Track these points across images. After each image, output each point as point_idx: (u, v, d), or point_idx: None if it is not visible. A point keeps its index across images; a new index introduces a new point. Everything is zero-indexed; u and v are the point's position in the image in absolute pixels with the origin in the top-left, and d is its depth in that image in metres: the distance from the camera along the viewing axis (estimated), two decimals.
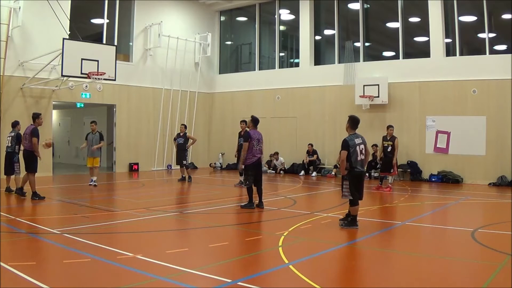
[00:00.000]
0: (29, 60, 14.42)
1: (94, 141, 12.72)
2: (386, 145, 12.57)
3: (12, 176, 10.76)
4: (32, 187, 10.01)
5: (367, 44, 17.32)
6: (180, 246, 6.48)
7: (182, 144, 14.45)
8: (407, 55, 16.27)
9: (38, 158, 10.19)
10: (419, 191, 12.94)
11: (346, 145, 7.40)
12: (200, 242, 6.85)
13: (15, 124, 11.01)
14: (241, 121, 12.92)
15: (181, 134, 14.67)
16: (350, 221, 7.48)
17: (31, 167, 10.09)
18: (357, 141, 7.51)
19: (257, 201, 9.38)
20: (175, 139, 14.95)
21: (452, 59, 15.24)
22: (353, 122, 7.69)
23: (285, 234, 6.90)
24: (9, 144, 10.82)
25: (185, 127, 15.06)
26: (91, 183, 12.74)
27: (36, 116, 10.37)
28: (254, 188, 9.34)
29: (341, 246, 6.41)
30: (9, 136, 10.93)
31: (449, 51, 15.42)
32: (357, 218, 7.54)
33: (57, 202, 10.26)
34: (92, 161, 12.77)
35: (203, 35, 20.00)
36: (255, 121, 9.61)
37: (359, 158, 7.46)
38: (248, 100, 19.63)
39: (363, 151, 7.52)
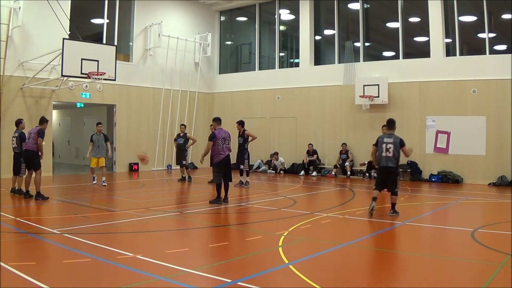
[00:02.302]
0: (29, 60, 14.41)
1: (99, 142, 12.90)
2: None
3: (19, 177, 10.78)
4: (37, 186, 10.03)
5: (367, 44, 17.32)
6: (180, 246, 6.48)
7: (182, 144, 14.45)
8: (407, 55, 16.27)
9: (41, 157, 10.19)
10: (419, 191, 12.94)
11: (376, 141, 8.71)
12: (200, 242, 6.85)
13: (18, 123, 10.99)
14: (237, 122, 13.23)
15: (181, 134, 14.68)
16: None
17: (36, 165, 10.11)
18: (386, 139, 8.54)
19: (223, 196, 9.87)
20: (175, 140, 14.97)
21: (452, 59, 15.24)
22: (387, 123, 8.88)
23: (285, 234, 6.90)
24: (15, 145, 10.76)
25: (185, 127, 15.09)
26: (95, 182, 13.08)
27: (45, 121, 10.48)
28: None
29: (341, 246, 6.40)
30: (14, 137, 10.86)
31: (449, 51, 15.41)
32: (395, 206, 8.64)
33: (57, 202, 10.25)
34: (97, 161, 12.93)
35: (203, 35, 20.00)
36: (217, 120, 10.26)
37: (383, 154, 8.47)
38: (248, 100, 19.63)
39: (390, 149, 8.42)
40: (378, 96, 15.89)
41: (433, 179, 14.95)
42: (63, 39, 13.16)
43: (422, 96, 15.50)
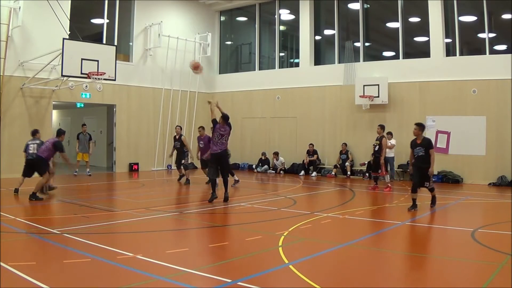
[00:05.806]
0: (29, 60, 14.40)
1: (84, 140, 15.57)
2: (374, 144, 12.69)
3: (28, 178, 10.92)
4: (37, 188, 10.11)
5: (367, 44, 17.31)
6: (180, 246, 6.48)
7: (180, 148, 13.97)
8: (407, 55, 16.26)
9: (52, 166, 10.52)
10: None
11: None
12: (200, 242, 6.86)
13: (35, 132, 11.14)
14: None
15: (177, 137, 14.22)
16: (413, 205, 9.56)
17: (43, 171, 10.31)
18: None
19: (223, 194, 10.07)
20: (174, 146, 14.32)
21: (452, 59, 15.23)
22: (420, 126, 9.73)
23: (285, 234, 6.90)
24: (33, 151, 10.62)
25: (180, 128, 14.59)
26: (76, 174, 15.34)
27: (62, 133, 10.98)
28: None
29: (341, 246, 6.40)
30: (35, 143, 10.75)
31: (449, 51, 15.41)
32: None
33: (57, 202, 10.26)
34: (82, 155, 15.66)
35: (203, 35, 19.99)
36: (224, 117, 10.73)
37: None
38: (248, 100, 19.63)
39: None
40: (378, 96, 15.88)
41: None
42: (63, 39, 13.15)
43: (422, 96, 15.50)
